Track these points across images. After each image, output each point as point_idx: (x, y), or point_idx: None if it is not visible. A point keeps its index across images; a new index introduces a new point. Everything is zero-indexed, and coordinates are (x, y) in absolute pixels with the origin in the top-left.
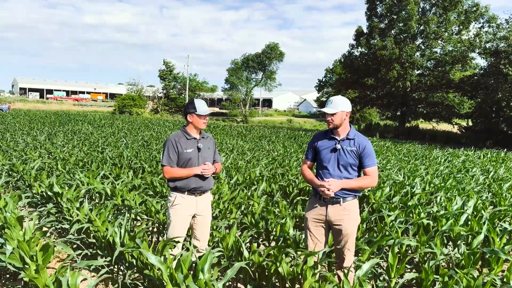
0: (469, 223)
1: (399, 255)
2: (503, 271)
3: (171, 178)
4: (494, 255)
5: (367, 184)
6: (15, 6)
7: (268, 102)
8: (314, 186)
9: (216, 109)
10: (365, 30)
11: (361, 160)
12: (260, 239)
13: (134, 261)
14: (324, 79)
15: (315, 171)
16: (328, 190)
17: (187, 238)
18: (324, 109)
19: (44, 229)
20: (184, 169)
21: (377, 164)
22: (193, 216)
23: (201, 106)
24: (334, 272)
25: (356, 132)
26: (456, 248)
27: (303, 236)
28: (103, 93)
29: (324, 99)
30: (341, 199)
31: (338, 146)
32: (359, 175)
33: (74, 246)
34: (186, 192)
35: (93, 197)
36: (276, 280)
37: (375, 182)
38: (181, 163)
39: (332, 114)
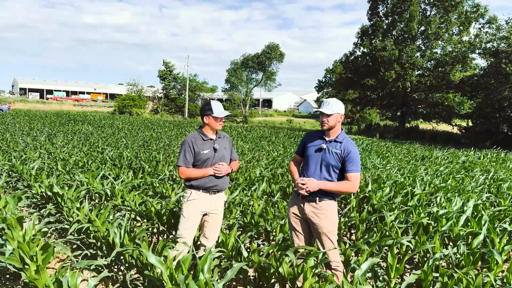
0: (469, 223)
1: (398, 255)
2: (503, 271)
3: (186, 178)
4: (493, 256)
5: (346, 188)
6: (15, 6)
7: (268, 103)
8: (293, 180)
9: None
10: (368, 29)
11: (344, 164)
12: (260, 239)
13: (134, 261)
14: (324, 80)
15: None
16: (303, 189)
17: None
18: (321, 109)
19: (44, 229)
20: (198, 169)
21: (361, 171)
22: (206, 214)
23: (218, 108)
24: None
25: (345, 136)
26: (456, 248)
27: None
28: (103, 93)
29: (324, 99)
30: (317, 198)
31: (324, 146)
32: (339, 179)
33: (74, 246)
34: (201, 190)
35: (93, 198)
36: (276, 280)
37: (355, 188)
38: (198, 163)
39: (328, 115)
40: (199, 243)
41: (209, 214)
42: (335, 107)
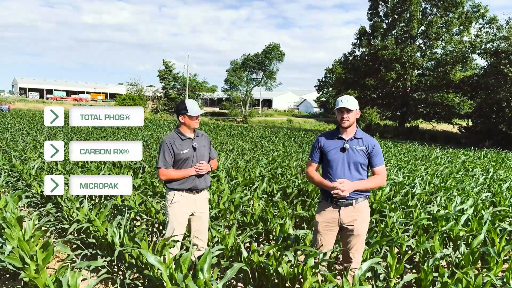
0: (469, 223)
1: (398, 255)
2: (503, 271)
3: (167, 180)
4: (493, 256)
5: (378, 183)
6: (13, 5)
7: (268, 102)
8: (325, 188)
9: (216, 109)
10: (367, 30)
11: (371, 159)
12: (260, 239)
13: (133, 261)
14: (324, 79)
15: (320, 172)
16: (342, 191)
17: (186, 237)
18: (344, 105)
19: (44, 229)
20: (179, 170)
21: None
22: (192, 215)
23: (193, 107)
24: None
25: (362, 132)
26: (456, 249)
27: (303, 235)
28: (103, 93)
29: (324, 99)
30: (354, 201)
31: (347, 146)
32: (367, 175)
33: (74, 246)
34: (184, 191)
35: (93, 197)
36: (276, 280)
37: (385, 180)
38: (178, 163)
39: (350, 111)
40: (192, 243)
41: (195, 214)
42: (355, 104)
